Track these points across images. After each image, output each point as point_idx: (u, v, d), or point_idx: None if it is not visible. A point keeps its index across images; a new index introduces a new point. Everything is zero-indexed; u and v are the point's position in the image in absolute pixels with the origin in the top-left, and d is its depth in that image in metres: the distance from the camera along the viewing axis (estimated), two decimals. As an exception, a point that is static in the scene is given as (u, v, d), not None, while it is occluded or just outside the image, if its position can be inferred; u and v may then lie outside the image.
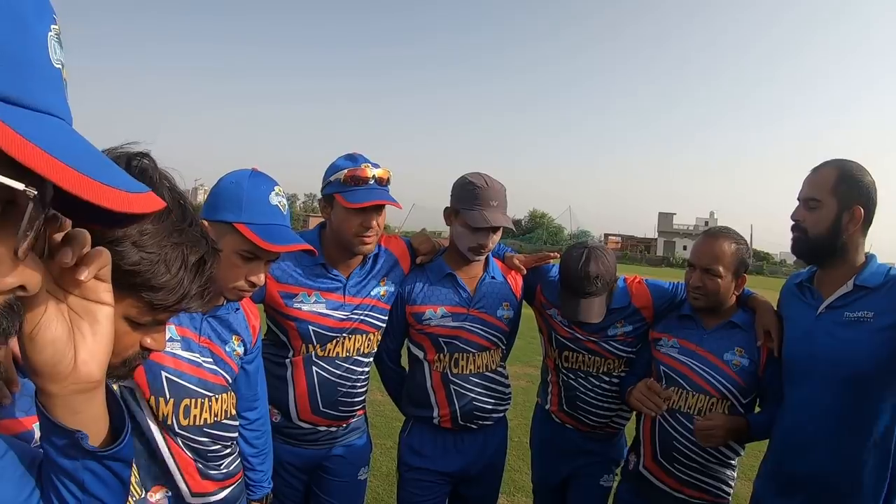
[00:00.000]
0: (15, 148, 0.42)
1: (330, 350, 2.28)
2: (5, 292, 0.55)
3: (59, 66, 0.52)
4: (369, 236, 2.20)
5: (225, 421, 1.80)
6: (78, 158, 0.48)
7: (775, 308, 2.33)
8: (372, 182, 2.16)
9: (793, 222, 2.12)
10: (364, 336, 2.34)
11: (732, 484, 2.36)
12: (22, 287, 0.56)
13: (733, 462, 2.35)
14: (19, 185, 0.47)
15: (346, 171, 2.15)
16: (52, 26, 0.51)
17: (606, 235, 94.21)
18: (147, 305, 0.95)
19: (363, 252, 2.25)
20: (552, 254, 2.76)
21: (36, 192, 0.49)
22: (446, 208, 2.48)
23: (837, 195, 2.00)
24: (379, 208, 2.18)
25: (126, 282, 0.89)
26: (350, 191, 2.14)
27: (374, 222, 2.18)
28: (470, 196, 2.35)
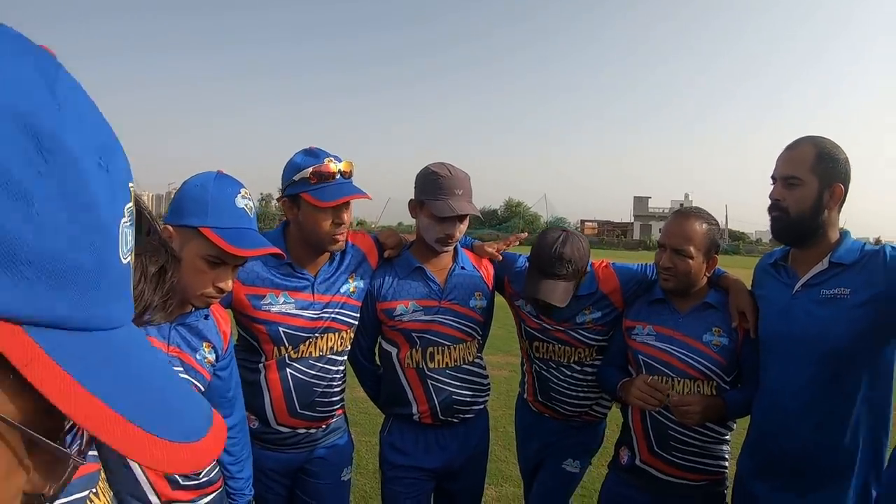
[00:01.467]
0: (78, 411, 0.35)
1: (303, 351, 2.24)
2: None
3: (128, 259, 0.43)
4: (342, 233, 2.17)
5: None
6: (139, 401, 0.40)
7: (749, 287, 2.33)
8: (338, 177, 2.11)
9: (771, 202, 2.10)
10: (336, 334, 2.31)
11: (728, 458, 2.37)
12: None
13: (727, 438, 2.36)
14: (76, 459, 0.41)
15: (310, 168, 2.10)
16: (127, 206, 0.42)
17: (583, 221, 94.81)
18: None
19: (335, 249, 2.22)
20: (521, 234, 2.77)
21: (82, 461, 0.43)
22: (411, 200, 2.46)
23: (817, 173, 2.00)
24: (348, 203, 2.15)
25: None
26: (318, 188, 2.09)
27: (346, 217, 2.15)
28: (434, 186, 2.33)
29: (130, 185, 0.43)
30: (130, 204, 0.42)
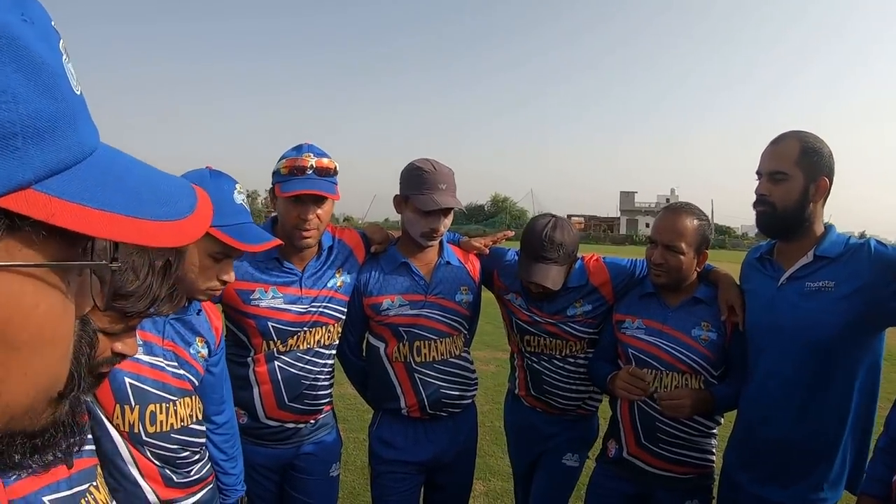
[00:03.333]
0: (101, 229, 0.43)
1: (291, 345, 2.25)
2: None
3: (79, 90, 0.47)
4: (308, 230, 2.15)
5: (192, 426, 1.77)
6: (135, 198, 0.47)
7: (737, 282, 2.35)
8: (310, 172, 2.11)
9: (757, 197, 2.11)
10: (324, 328, 2.32)
11: (715, 451, 2.39)
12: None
13: (714, 431, 2.37)
14: (114, 265, 0.49)
15: (286, 160, 2.13)
16: (60, 43, 0.45)
17: (570, 216, 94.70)
18: (119, 314, 0.98)
19: (302, 246, 2.21)
20: (508, 232, 2.79)
21: (120, 264, 0.51)
22: (396, 196, 2.47)
23: (803, 167, 2.01)
24: (317, 200, 2.14)
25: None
26: (287, 180, 2.12)
27: (312, 214, 2.14)
28: (418, 181, 2.35)
29: (52, 23, 0.46)
30: (62, 41, 0.46)
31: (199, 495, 1.82)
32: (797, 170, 2.01)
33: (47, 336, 0.46)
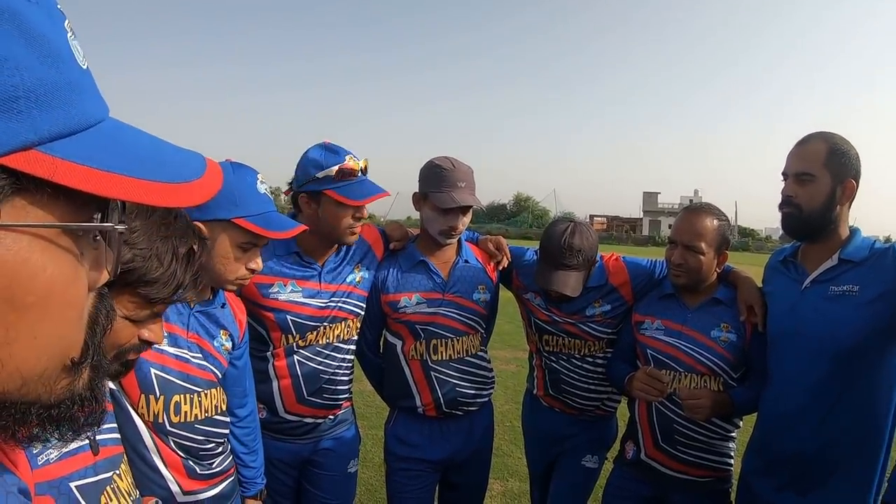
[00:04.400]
0: (105, 188, 0.45)
1: (310, 339, 2.28)
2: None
3: (86, 64, 0.50)
4: (360, 227, 2.23)
5: (216, 417, 1.80)
6: (140, 164, 0.50)
7: (759, 284, 2.32)
8: (360, 174, 2.17)
9: (783, 198, 2.08)
10: (343, 323, 2.34)
11: (733, 455, 2.37)
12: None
13: (733, 435, 2.35)
14: (119, 226, 0.51)
15: (335, 166, 2.13)
16: (65, 23, 0.49)
17: (592, 217, 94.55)
18: (143, 300, 1.00)
19: (351, 242, 2.26)
20: (505, 262, 2.64)
21: (125, 226, 0.53)
22: (415, 193, 2.48)
23: (830, 169, 1.98)
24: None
25: (121, 280, 0.92)
26: (343, 186, 2.14)
27: (365, 213, 2.22)
28: (437, 179, 2.36)
29: (58, 6, 0.49)
30: (67, 21, 0.49)
31: (220, 487, 1.84)
32: (824, 171, 1.98)
33: (56, 299, 0.48)
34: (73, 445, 1.01)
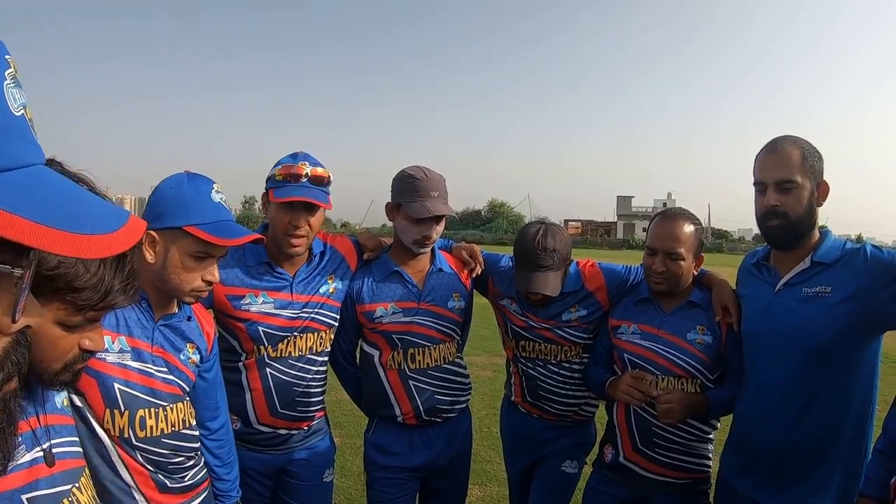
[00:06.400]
0: (6, 228, 0.45)
1: (282, 350, 2.25)
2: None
3: (21, 112, 0.52)
4: (298, 236, 2.17)
5: (184, 431, 1.77)
6: (55, 211, 0.50)
7: (732, 286, 2.34)
8: (304, 180, 2.14)
9: (767, 209, 2.03)
10: (315, 334, 2.32)
11: (711, 457, 2.39)
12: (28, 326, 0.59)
13: (711, 436, 2.37)
14: (16, 271, 0.51)
15: (281, 166, 2.16)
16: (7, 71, 0.51)
17: (566, 221, 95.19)
18: (73, 307, 0.97)
19: (292, 253, 2.22)
20: (478, 269, 2.65)
21: (24, 272, 0.53)
22: (388, 203, 2.48)
23: (806, 173, 2.00)
24: (309, 208, 2.16)
25: (48, 287, 0.90)
26: (281, 186, 2.14)
27: (304, 222, 2.16)
28: (410, 189, 2.36)
29: (7, 57, 0.52)
30: (11, 69, 0.52)
31: (195, 502, 1.82)
32: (804, 177, 1.99)
33: None
34: (27, 458, 1.00)
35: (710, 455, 2.38)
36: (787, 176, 1.99)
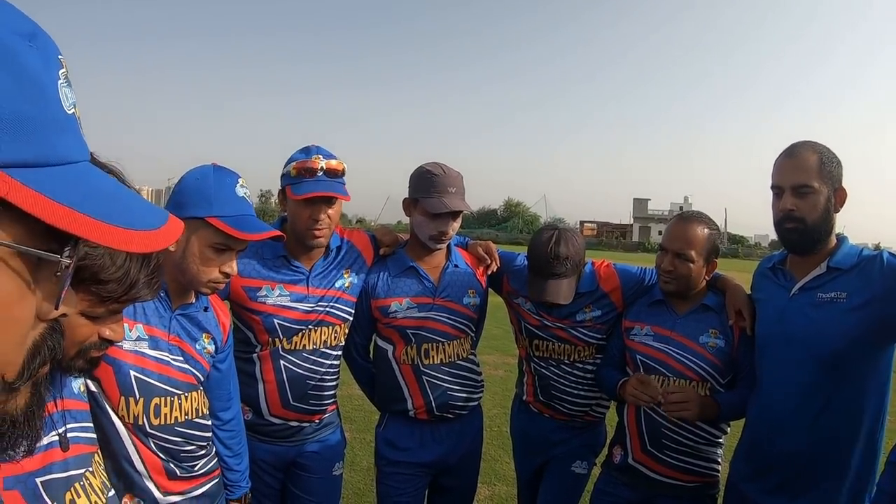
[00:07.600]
0: (54, 217, 0.47)
1: (296, 343, 2.28)
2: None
3: (73, 111, 0.54)
4: (320, 229, 2.20)
5: (197, 420, 1.80)
6: (100, 205, 0.52)
7: (747, 291, 2.34)
8: (320, 174, 2.16)
9: (783, 214, 2.03)
10: (330, 328, 2.34)
11: (720, 461, 2.38)
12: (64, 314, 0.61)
13: (721, 440, 2.37)
14: (64, 259, 0.53)
15: (295, 162, 2.18)
16: (60, 71, 0.53)
17: (582, 223, 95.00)
18: (97, 298, 1.00)
19: (315, 245, 2.26)
20: (494, 266, 2.64)
21: (71, 261, 0.54)
22: (405, 199, 2.50)
23: (824, 178, 1.99)
24: (328, 200, 2.19)
25: (74, 277, 0.91)
26: (298, 183, 2.17)
27: (324, 215, 2.19)
28: (428, 184, 2.38)
29: (60, 57, 0.54)
30: (63, 69, 0.54)
31: (203, 488, 1.85)
32: (821, 182, 1.99)
33: None
34: (43, 441, 1.02)
35: (720, 459, 2.38)
36: (804, 180, 1.99)
